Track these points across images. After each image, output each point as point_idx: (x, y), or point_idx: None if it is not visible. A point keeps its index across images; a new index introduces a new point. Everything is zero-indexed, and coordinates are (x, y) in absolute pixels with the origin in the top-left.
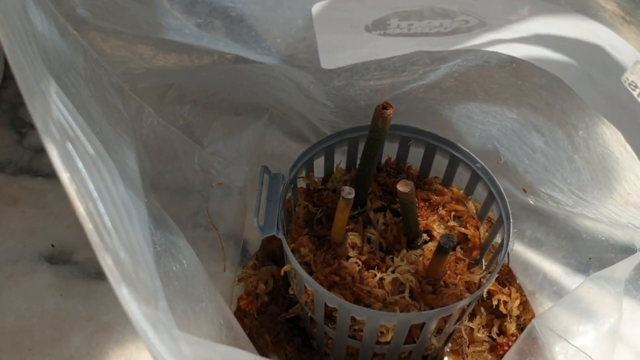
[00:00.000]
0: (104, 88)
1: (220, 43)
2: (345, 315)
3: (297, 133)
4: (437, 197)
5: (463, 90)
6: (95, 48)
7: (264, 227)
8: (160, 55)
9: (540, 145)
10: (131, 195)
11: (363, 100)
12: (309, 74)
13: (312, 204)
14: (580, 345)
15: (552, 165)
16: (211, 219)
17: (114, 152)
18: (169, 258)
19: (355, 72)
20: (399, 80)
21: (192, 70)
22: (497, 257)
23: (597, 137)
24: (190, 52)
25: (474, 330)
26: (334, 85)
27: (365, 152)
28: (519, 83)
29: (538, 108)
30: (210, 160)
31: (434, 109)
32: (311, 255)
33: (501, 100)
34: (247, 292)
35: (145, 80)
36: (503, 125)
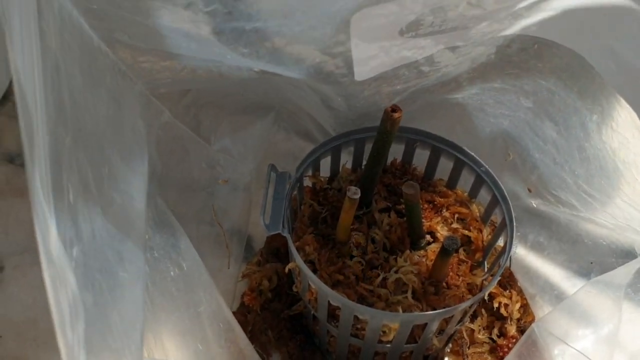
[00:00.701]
0: (124, 103)
1: (245, 60)
2: (348, 314)
3: (304, 131)
4: (441, 199)
5: (479, 81)
6: (126, 63)
7: (270, 225)
8: (186, 69)
9: (552, 135)
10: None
11: (385, 103)
12: (342, 88)
13: (318, 203)
14: (581, 349)
15: (561, 156)
16: (216, 215)
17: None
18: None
19: (384, 80)
20: (422, 80)
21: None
22: (500, 260)
23: (611, 120)
24: (221, 66)
25: (475, 331)
26: (364, 96)
27: (373, 153)
28: (539, 65)
29: (555, 93)
30: (217, 157)
31: (448, 104)
32: (315, 254)
33: (518, 87)
34: (250, 289)
35: (169, 87)
36: (516, 117)
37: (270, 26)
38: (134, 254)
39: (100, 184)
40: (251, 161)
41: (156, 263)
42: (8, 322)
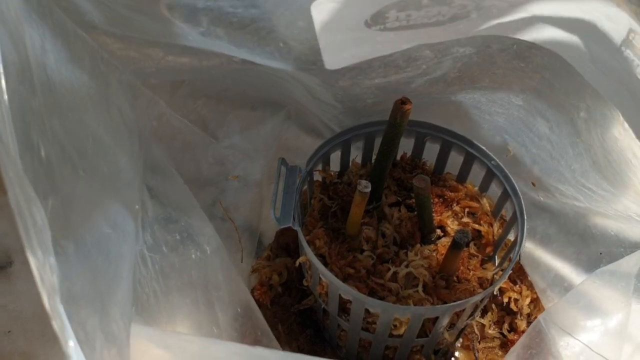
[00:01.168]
0: (108, 87)
1: (225, 49)
2: (360, 307)
3: (313, 129)
4: (451, 194)
5: (468, 80)
6: (106, 50)
7: (280, 218)
8: (169, 57)
9: (545, 132)
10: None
11: (370, 98)
12: (314, 76)
13: (328, 197)
14: (587, 341)
15: (557, 151)
16: (226, 211)
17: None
18: (190, 246)
19: (359, 72)
20: (403, 76)
21: (202, 69)
22: (511, 254)
23: (597, 117)
24: (198, 54)
25: (485, 326)
26: (340, 86)
27: (383, 147)
28: (522, 65)
29: (542, 91)
30: (225, 153)
31: (441, 103)
32: (326, 248)
33: (506, 85)
34: (261, 283)
35: (157, 77)
36: (510, 114)
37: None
38: (123, 218)
39: (84, 151)
40: (262, 158)
41: (177, 245)
42: (17, 317)
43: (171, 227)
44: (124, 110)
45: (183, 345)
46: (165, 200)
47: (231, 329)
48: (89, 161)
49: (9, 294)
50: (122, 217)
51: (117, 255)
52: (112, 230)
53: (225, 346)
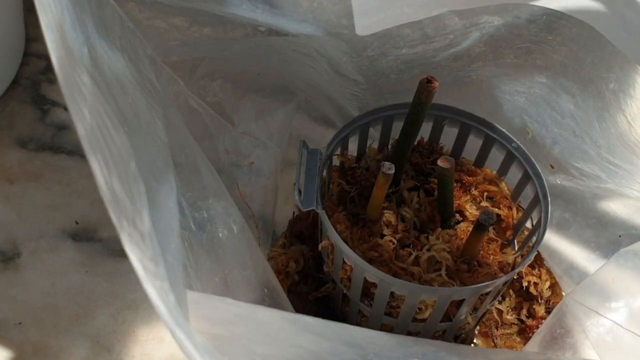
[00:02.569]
0: (138, 59)
1: (259, 10)
2: (385, 290)
3: (324, 117)
4: (469, 178)
5: (492, 56)
6: (132, 19)
7: (304, 201)
8: (194, 27)
9: (569, 108)
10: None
11: (393, 73)
12: (343, 41)
13: (346, 182)
14: (615, 318)
15: (581, 128)
16: (243, 196)
17: (146, 124)
18: (218, 224)
19: (388, 39)
20: (430, 47)
21: (225, 42)
22: (534, 237)
23: (628, 87)
24: (225, 24)
25: (503, 312)
26: (367, 55)
27: (405, 127)
28: (550, 38)
29: (568, 65)
30: (240, 139)
31: (462, 83)
32: (348, 232)
33: (530, 62)
34: (277, 271)
35: (178, 53)
36: (532, 93)
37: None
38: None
39: (125, 108)
40: (275, 146)
41: (204, 223)
42: (27, 308)
43: (198, 205)
44: (153, 81)
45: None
46: (190, 177)
47: None
48: (130, 119)
49: (18, 285)
50: (165, 173)
51: (166, 208)
52: (158, 184)
53: (271, 312)
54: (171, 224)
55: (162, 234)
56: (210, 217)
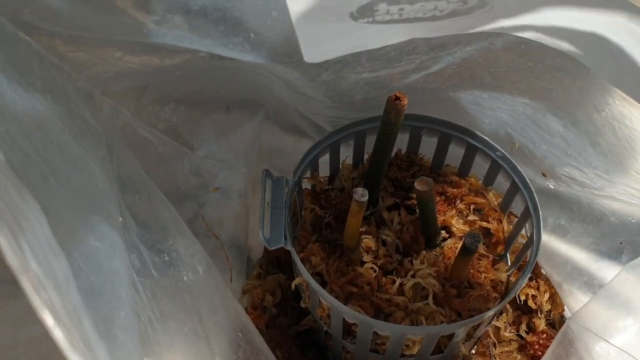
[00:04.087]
0: (67, 96)
1: (185, 40)
2: (367, 330)
3: (295, 127)
4: (454, 190)
5: (467, 76)
6: (55, 54)
7: (270, 239)
8: (126, 57)
9: (558, 129)
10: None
11: (358, 94)
12: (292, 69)
13: (319, 207)
14: (622, 344)
15: (573, 149)
16: (209, 226)
17: (80, 172)
18: (181, 267)
19: (345, 65)
20: (394, 71)
21: (166, 70)
22: (527, 253)
23: (623, 118)
24: (159, 51)
25: (501, 329)
26: (323, 80)
27: (376, 148)
28: (530, 65)
29: (552, 90)
30: (202, 164)
31: (438, 98)
32: (323, 265)
33: (510, 84)
34: (253, 305)
35: (117, 83)
36: (514, 110)
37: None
38: (107, 229)
39: (51, 159)
40: (243, 165)
41: (166, 268)
42: None
43: (158, 248)
44: (88, 119)
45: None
46: (147, 218)
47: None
48: (58, 169)
49: None
50: (107, 228)
51: (111, 271)
52: (99, 243)
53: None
54: (118, 290)
55: (107, 305)
56: (172, 260)
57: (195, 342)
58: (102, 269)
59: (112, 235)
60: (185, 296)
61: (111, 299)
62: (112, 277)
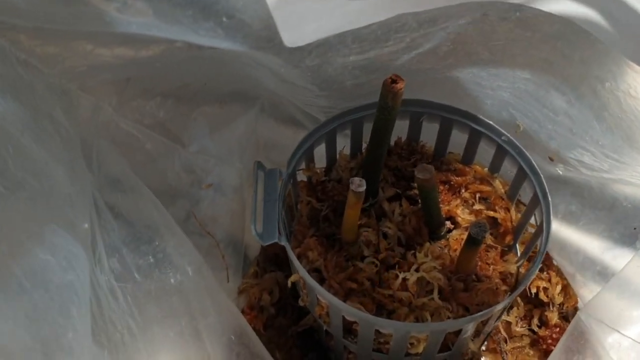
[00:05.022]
0: (34, 94)
1: (153, 28)
2: (368, 329)
3: (291, 119)
4: (458, 178)
5: (463, 54)
6: (22, 49)
7: (263, 234)
8: (99, 49)
9: (562, 106)
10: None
11: (348, 79)
12: (273, 55)
13: (316, 199)
14: (636, 335)
15: (579, 127)
16: (202, 225)
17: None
18: (168, 268)
19: (328, 48)
20: (383, 52)
21: (143, 62)
22: (537, 243)
23: (628, 87)
24: (132, 42)
25: (512, 324)
26: (307, 66)
27: (374, 134)
28: (527, 35)
29: (553, 62)
30: (194, 160)
31: (436, 80)
32: (321, 260)
33: (509, 58)
34: (250, 306)
35: (93, 77)
36: (516, 88)
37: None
38: (65, 240)
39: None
40: (238, 160)
41: (151, 270)
42: None
43: (143, 249)
44: (57, 118)
45: None
46: (132, 218)
47: None
48: (10, 175)
49: None
50: (64, 239)
51: (62, 287)
52: (50, 256)
53: None
54: (67, 307)
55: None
56: (158, 262)
57: (184, 347)
58: (50, 285)
59: (70, 245)
60: (172, 299)
61: (57, 318)
62: (61, 294)
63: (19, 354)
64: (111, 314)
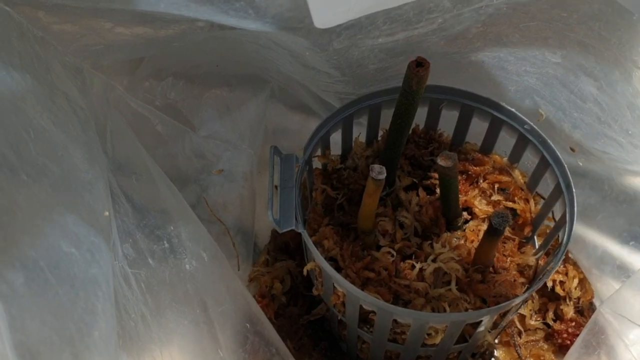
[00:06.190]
0: (50, 73)
1: (182, 8)
2: (386, 318)
3: (302, 105)
4: (476, 168)
5: (493, 36)
6: (39, 26)
7: (281, 221)
8: (118, 28)
9: (592, 92)
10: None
11: (372, 63)
12: (301, 37)
13: (331, 187)
14: None
15: (608, 115)
16: (213, 211)
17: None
18: (183, 254)
19: (359, 29)
20: (414, 33)
21: (161, 42)
22: (557, 235)
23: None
24: (153, 21)
25: (526, 317)
26: (335, 49)
27: (395, 120)
28: (564, 15)
29: (588, 45)
30: (205, 144)
31: (459, 64)
32: (337, 249)
33: (541, 41)
34: (261, 294)
35: (108, 56)
36: (544, 73)
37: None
38: (87, 230)
39: (23, 150)
40: (248, 145)
41: (166, 255)
42: None
43: (157, 235)
44: (73, 97)
45: None
46: (145, 203)
47: (241, 350)
48: (32, 161)
49: None
50: (86, 229)
51: (86, 281)
52: (74, 249)
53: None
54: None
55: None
56: (173, 247)
57: (197, 335)
58: (75, 280)
59: (92, 236)
60: (187, 286)
61: (83, 316)
62: (86, 289)
63: (47, 354)
64: (125, 302)
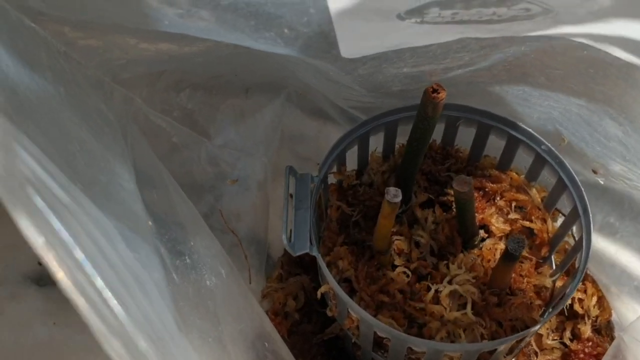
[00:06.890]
0: (78, 87)
1: (212, 33)
2: (400, 345)
3: (319, 111)
4: (493, 185)
5: (518, 75)
6: (63, 41)
7: (295, 244)
8: (142, 44)
9: (616, 134)
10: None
11: (396, 86)
12: (327, 63)
13: (347, 204)
14: None
15: (633, 155)
16: (227, 222)
17: (104, 173)
18: (203, 270)
19: (384, 60)
20: (438, 67)
21: (184, 57)
22: (574, 258)
23: None
24: (179, 39)
25: (543, 336)
26: (359, 74)
27: (412, 143)
28: (591, 71)
29: (614, 97)
30: (219, 153)
31: (482, 90)
32: (352, 269)
33: (566, 87)
34: (274, 311)
35: (129, 70)
36: (567, 110)
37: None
38: (137, 238)
39: (72, 160)
40: (263, 153)
41: (188, 271)
42: None
43: (178, 250)
44: (103, 111)
45: None
46: (165, 216)
47: None
48: (82, 172)
49: None
50: (137, 237)
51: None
52: (137, 253)
53: None
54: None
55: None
56: (194, 263)
57: (221, 354)
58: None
59: (144, 242)
60: (208, 303)
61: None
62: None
63: None
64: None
